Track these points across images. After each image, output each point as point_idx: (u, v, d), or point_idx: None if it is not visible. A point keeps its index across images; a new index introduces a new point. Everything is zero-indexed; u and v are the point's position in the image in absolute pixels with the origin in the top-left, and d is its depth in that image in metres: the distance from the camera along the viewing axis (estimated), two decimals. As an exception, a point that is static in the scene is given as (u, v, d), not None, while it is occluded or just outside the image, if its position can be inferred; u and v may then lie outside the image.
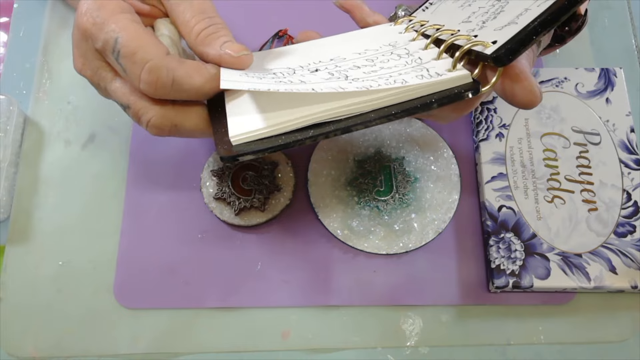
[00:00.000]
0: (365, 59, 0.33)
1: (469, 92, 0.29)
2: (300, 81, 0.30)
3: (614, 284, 0.40)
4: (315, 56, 0.34)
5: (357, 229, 0.42)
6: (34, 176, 0.44)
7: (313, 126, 0.29)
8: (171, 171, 0.44)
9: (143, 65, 0.29)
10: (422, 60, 0.31)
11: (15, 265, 0.42)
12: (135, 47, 0.29)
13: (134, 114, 0.32)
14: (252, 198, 0.42)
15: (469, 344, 0.41)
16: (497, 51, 0.28)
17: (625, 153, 0.44)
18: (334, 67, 0.32)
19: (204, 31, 0.31)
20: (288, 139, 0.29)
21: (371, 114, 0.29)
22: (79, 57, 0.32)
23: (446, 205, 0.43)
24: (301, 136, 0.29)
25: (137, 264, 0.42)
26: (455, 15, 0.34)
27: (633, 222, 0.42)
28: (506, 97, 0.30)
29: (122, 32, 0.29)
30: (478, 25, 0.31)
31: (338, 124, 0.29)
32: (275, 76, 0.31)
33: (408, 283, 0.42)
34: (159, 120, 0.31)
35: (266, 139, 0.29)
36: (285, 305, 0.41)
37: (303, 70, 0.32)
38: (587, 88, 0.46)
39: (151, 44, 0.30)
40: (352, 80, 0.30)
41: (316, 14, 0.50)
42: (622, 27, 0.51)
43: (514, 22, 0.28)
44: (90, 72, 0.32)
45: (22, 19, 0.49)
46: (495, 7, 0.31)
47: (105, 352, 0.40)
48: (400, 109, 0.29)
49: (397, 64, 0.32)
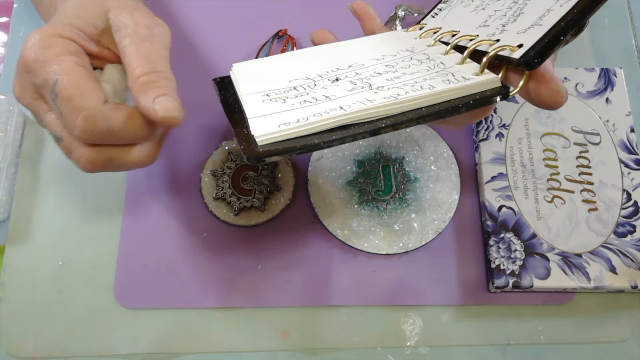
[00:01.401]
0: (385, 65, 0.32)
1: (498, 97, 0.28)
2: (325, 97, 0.30)
3: (614, 284, 0.40)
4: (332, 63, 0.34)
5: (357, 229, 0.42)
6: (34, 176, 0.44)
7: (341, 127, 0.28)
8: (171, 171, 0.44)
9: (79, 112, 0.28)
10: (446, 65, 0.31)
11: (15, 265, 0.42)
12: (73, 93, 0.28)
13: (66, 148, 0.30)
14: (252, 198, 0.42)
15: (469, 344, 0.41)
16: (526, 55, 0.27)
17: (625, 153, 0.44)
18: (354, 74, 0.32)
19: (143, 77, 0.30)
20: (318, 139, 0.28)
21: (401, 116, 0.28)
22: (18, 85, 0.31)
23: (446, 205, 0.43)
24: (330, 137, 0.28)
25: (137, 264, 0.42)
26: (469, 20, 0.33)
27: (633, 222, 0.42)
28: (531, 99, 0.29)
29: (62, 76, 0.28)
30: (498, 29, 0.30)
31: (367, 125, 0.28)
32: (297, 92, 0.31)
33: (408, 283, 0.42)
34: (92, 156, 0.30)
35: (293, 139, 0.28)
36: (285, 305, 0.41)
37: (323, 81, 0.32)
38: (587, 88, 0.46)
39: (90, 91, 0.29)
40: (377, 90, 0.29)
41: (316, 14, 0.50)
42: (622, 27, 0.51)
43: (538, 23, 0.28)
44: (27, 101, 0.31)
45: (22, 19, 0.49)
46: (513, 9, 0.31)
47: (105, 352, 0.40)
48: (430, 111, 0.28)
49: (419, 69, 0.31)
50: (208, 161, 0.43)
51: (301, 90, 0.31)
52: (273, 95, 0.31)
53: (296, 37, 0.48)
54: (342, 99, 0.29)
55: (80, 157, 0.30)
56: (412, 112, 0.28)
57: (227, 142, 0.44)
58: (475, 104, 0.29)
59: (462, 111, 0.29)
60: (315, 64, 0.34)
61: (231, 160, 0.43)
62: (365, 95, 0.29)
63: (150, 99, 0.29)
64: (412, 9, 0.48)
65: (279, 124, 0.28)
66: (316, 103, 0.29)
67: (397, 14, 0.48)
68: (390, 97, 0.28)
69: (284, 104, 0.30)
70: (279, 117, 0.29)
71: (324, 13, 0.50)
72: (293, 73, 0.33)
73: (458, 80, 0.29)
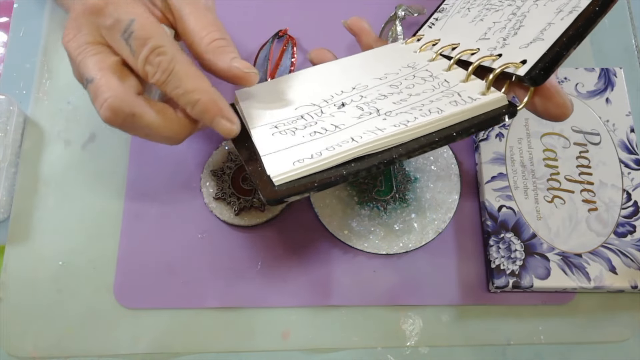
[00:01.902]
0: (389, 85, 0.32)
1: (506, 115, 0.28)
2: (334, 126, 0.30)
3: (614, 284, 0.40)
4: (335, 85, 0.34)
5: (357, 229, 0.42)
6: (34, 176, 0.44)
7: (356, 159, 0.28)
8: (171, 171, 0.44)
9: (154, 49, 0.30)
10: (450, 84, 0.31)
11: (15, 265, 0.42)
12: (151, 33, 0.30)
13: (94, 89, 0.30)
14: (252, 198, 0.42)
15: (469, 344, 0.41)
16: (530, 72, 0.27)
17: (625, 153, 0.44)
18: (360, 98, 0.32)
19: (215, 42, 0.32)
20: (333, 174, 0.27)
21: (413, 143, 0.28)
22: (72, 30, 0.31)
23: (446, 205, 0.43)
24: (345, 171, 0.28)
25: (137, 264, 0.42)
26: (468, 32, 0.33)
27: (633, 222, 0.42)
28: (538, 113, 0.30)
29: (138, 17, 0.30)
30: (499, 43, 0.30)
31: (381, 156, 0.28)
32: (305, 121, 0.31)
33: (408, 283, 0.42)
34: (116, 102, 0.29)
35: (309, 176, 0.28)
36: (285, 305, 0.41)
37: (329, 107, 0.32)
38: (587, 88, 0.46)
39: (165, 35, 0.30)
40: (385, 116, 0.29)
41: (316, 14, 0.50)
42: (622, 27, 0.51)
43: (540, 38, 0.28)
44: (76, 44, 0.31)
45: (22, 19, 0.49)
46: (512, 21, 0.30)
47: (105, 352, 0.40)
48: (442, 135, 0.28)
49: (424, 88, 0.31)
50: (208, 161, 0.43)
51: (309, 119, 0.31)
52: (282, 127, 0.31)
53: (296, 37, 0.48)
54: (352, 128, 0.29)
55: (105, 100, 0.30)
56: (424, 138, 0.28)
57: (227, 142, 0.44)
58: (485, 124, 0.29)
59: (473, 132, 0.29)
60: (319, 88, 0.34)
61: (231, 160, 0.43)
62: (374, 123, 0.29)
63: (228, 59, 0.32)
64: (412, 9, 0.48)
65: (293, 161, 0.28)
66: (326, 134, 0.29)
67: (397, 14, 0.47)
68: (400, 125, 0.28)
69: (294, 137, 0.30)
70: (291, 153, 0.29)
71: (324, 13, 0.50)
72: (298, 99, 0.33)
73: (465, 101, 0.29)
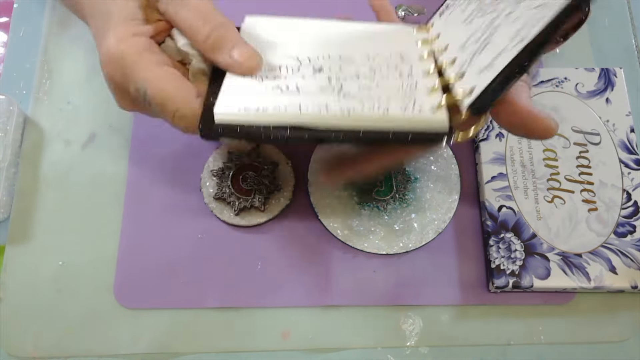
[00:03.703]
0: (369, 68, 0.33)
1: (442, 140, 0.29)
2: (296, 88, 0.30)
3: (614, 284, 0.40)
4: (328, 47, 0.34)
5: (357, 229, 0.42)
6: (34, 176, 0.44)
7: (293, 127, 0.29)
8: (171, 171, 0.44)
9: (173, 113, 0.30)
10: (416, 89, 0.31)
11: (15, 265, 0.42)
12: (164, 99, 0.30)
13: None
14: (252, 198, 0.42)
15: (469, 344, 0.41)
16: (474, 105, 0.28)
17: (625, 153, 0.44)
18: (338, 69, 0.32)
19: (210, 37, 0.31)
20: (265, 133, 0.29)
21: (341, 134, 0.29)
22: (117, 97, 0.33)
23: (446, 205, 0.43)
24: (276, 134, 0.29)
25: (137, 264, 0.42)
26: (459, 32, 0.33)
27: (633, 222, 0.42)
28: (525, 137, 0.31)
29: (148, 84, 0.30)
30: (469, 58, 0.31)
31: (315, 132, 0.29)
32: (279, 72, 0.32)
33: (408, 283, 0.42)
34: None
35: (247, 127, 0.29)
36: (285, 305, 0.41)
37: (308, 67, 0.32)
38: (587, 88, 0.46)
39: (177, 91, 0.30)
40: (342, 97, 0.30)
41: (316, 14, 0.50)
42: (622, 27, 0.51)
43: (492, 65, 0.28)
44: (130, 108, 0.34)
45: (22, 19, 0.49)
46: (485, 34, 0.31)
47: (105, 352, 0.40)
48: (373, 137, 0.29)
49: (394, 84, 0.31)
50: (208, 161, 0.43)
51: (283, 72, 0.32)
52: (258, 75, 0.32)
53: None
54: (308, 96, 0.30)
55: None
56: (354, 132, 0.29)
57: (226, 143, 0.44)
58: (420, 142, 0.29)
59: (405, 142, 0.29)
60: (315, 43, 0.35)
61: (231, 160, 0.43)
62: (329, 99, 0.30)
63: (227, 55, 0.31)
64: (412, 9, 0.48)
65: (241, 107, 0.29)
66: (284, 92, 0.30)
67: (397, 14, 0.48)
68: (345, 110, 0.29)
69: (260, 85, 0.31)
70: (245, 99, 0.29)
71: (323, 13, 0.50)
72: (289, 48, 0.34)
73: (413, 111, 0.29)
